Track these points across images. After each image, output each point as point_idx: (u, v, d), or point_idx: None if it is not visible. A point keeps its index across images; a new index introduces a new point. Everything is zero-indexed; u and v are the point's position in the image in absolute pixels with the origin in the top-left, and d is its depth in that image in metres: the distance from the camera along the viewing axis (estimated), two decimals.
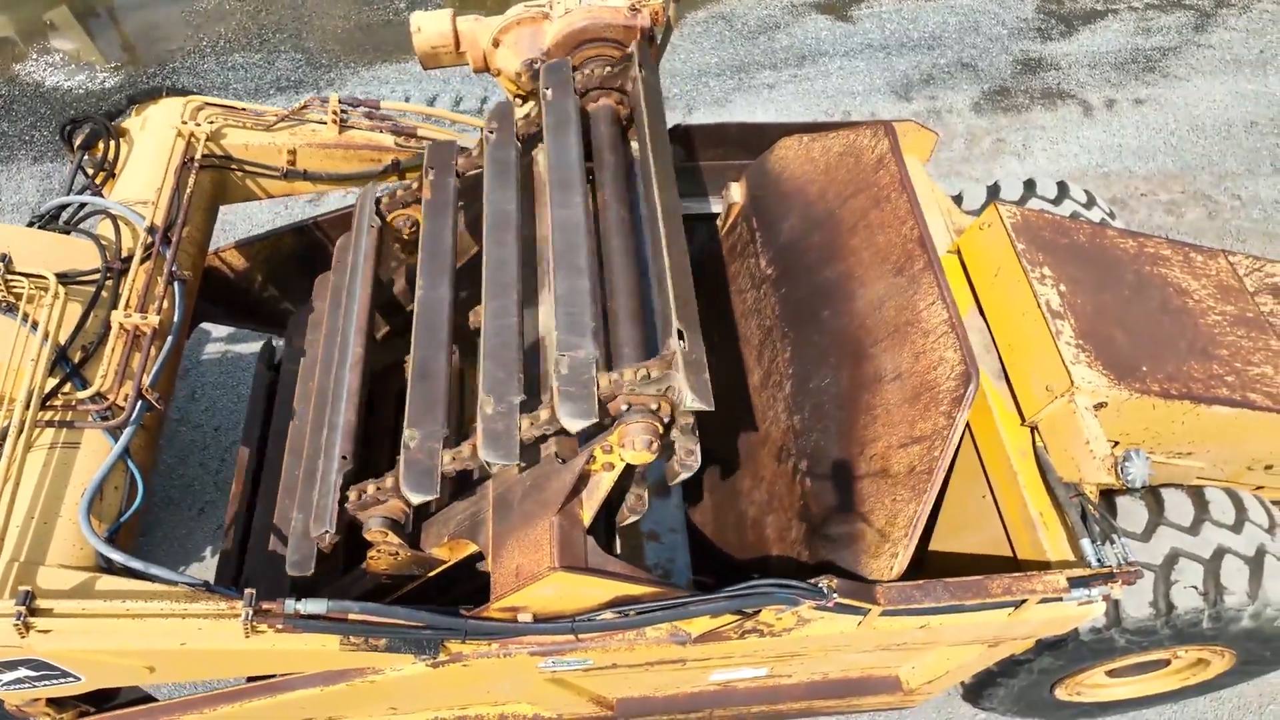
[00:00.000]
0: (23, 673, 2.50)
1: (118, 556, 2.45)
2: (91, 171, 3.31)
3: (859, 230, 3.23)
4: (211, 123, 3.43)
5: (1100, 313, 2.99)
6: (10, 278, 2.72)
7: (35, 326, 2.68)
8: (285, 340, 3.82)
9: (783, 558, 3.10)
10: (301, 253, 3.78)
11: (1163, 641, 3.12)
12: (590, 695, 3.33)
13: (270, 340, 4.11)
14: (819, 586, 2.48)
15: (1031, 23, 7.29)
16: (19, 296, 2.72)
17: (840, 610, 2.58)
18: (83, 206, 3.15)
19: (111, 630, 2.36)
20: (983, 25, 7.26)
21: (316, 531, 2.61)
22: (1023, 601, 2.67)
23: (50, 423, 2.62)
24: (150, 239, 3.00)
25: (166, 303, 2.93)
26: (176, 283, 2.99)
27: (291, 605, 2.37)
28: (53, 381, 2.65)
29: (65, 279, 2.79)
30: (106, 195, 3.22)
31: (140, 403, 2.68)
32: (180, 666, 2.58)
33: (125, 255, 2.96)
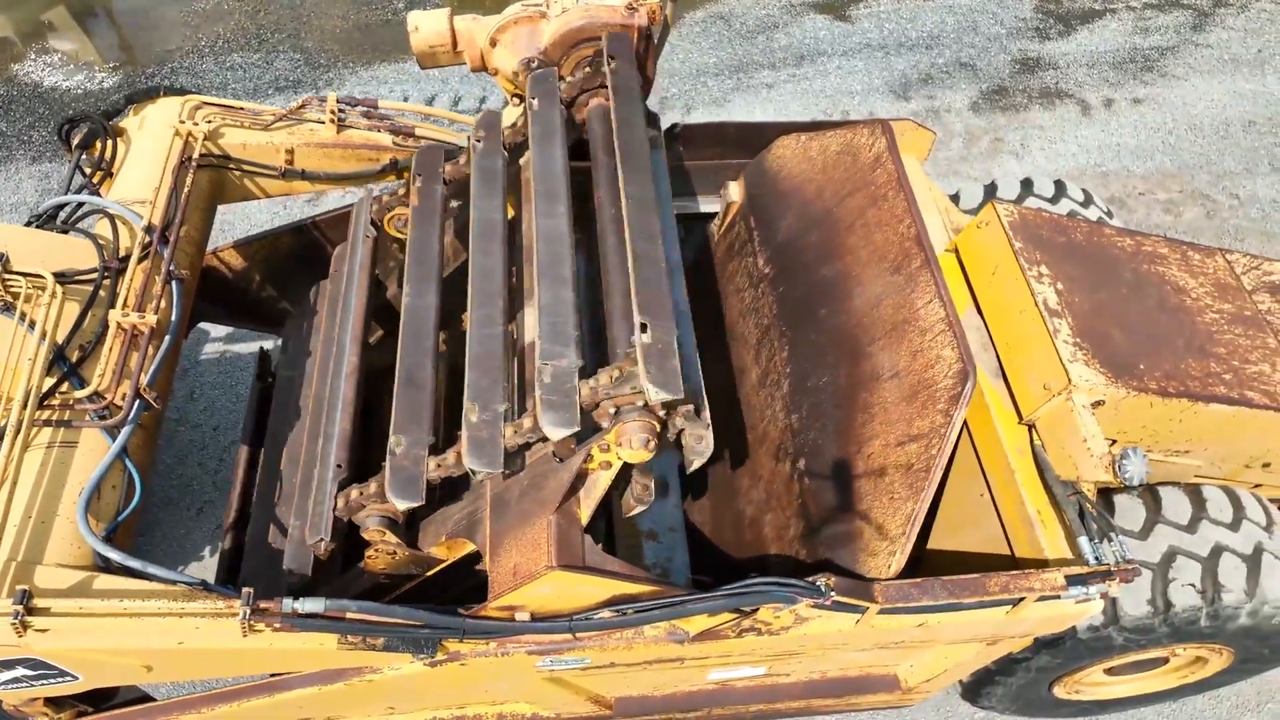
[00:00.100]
0: (20, 672, 2.49)
1: (115, 555, 2.45)
2: (89, 171, 3.31)
3: (856, 229, 3.23)
4: (209, 122, 3.43)
5: (1098, 311, 2.99)
6: (8, 277, 2.72)
7: (33, 326, 2.68)
8: (281, 345, 3.83)
9: (781, 556, 3.10)
10: (300, 252, 3.77)
11: (1161, 639, 3.12)
12: (588, 694, 3.33)
13: (263, 350, 4.11)
14: (817, 585, 2.48)
15: (1030, 22, 7.30)
16: (17, 296, 2.72)
17: (838, 608, 2.58)
18: (80, 206, 3.15)
19: (109, 629, 2.36)
20: (981, 25, 7.26)
21: (312, 539, 2.64)
22: (1020, 600, 2.66)
23: (48, 422, 2.62)
24: (148, 238, 3.00)
25: (164, 302, 2.93)
26: (174, 282, 2.99)
27: (289, 604, 2.37)
28: (50, 381, 2.65)
29: (63, 278, 2.79)
30: (104, 195, 3.22)
31: (138, 402, 2.69)
32: (178, 666, 2.58)
33: (123, 254, 2.95)
